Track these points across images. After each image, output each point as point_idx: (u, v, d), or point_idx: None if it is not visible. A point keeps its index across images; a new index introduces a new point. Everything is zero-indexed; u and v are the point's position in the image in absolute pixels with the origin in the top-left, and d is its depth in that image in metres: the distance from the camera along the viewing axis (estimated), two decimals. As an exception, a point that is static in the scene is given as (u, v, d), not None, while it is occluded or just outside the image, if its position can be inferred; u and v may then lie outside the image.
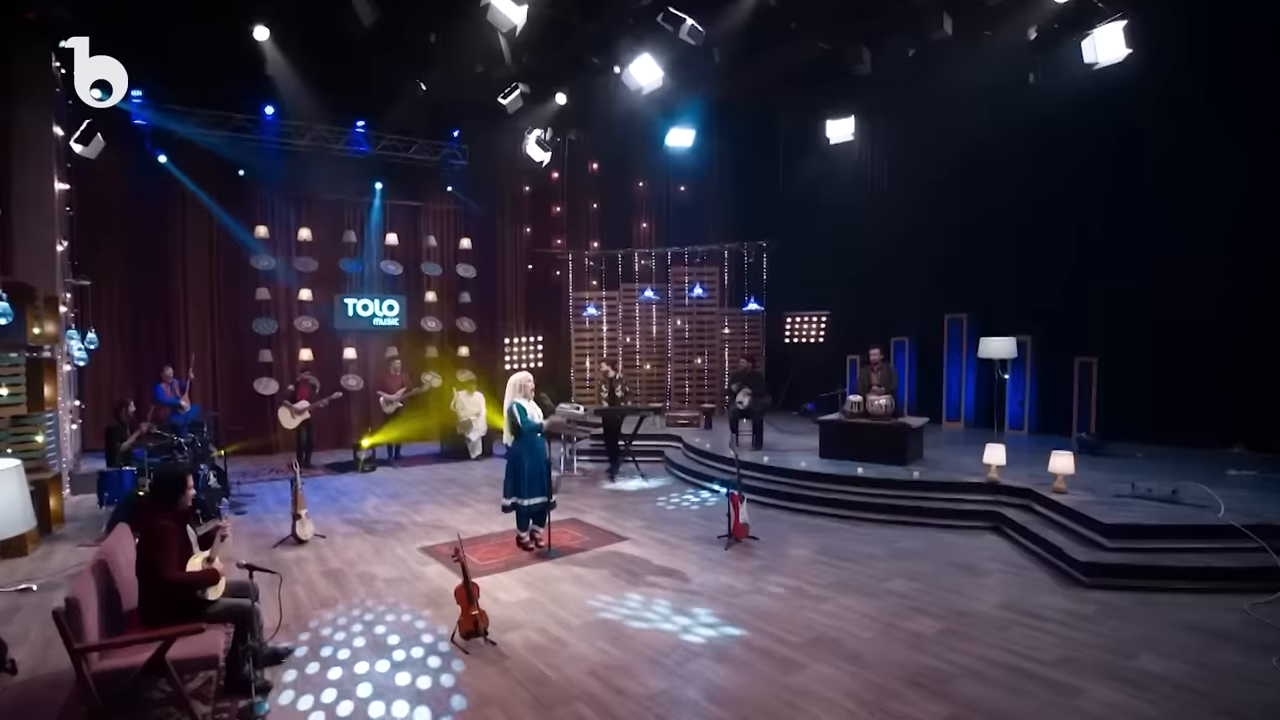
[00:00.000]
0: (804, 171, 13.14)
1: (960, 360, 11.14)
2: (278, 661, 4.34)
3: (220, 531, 4.09)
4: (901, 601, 5.17)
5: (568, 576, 5.85)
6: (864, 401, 8.51)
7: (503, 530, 7.15)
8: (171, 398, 9.95)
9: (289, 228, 12.13)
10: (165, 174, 10.97)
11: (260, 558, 6.35)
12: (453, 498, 8.78)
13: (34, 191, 8.67)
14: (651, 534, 7.03)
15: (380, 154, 12.75)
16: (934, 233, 11.48)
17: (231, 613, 3.84)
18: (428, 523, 7.60)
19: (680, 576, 5.80)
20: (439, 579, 5.82)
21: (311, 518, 7.06)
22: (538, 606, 5.21)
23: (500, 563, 6.18)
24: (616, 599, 5.33)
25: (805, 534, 6.95)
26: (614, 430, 9.92)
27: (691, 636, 4.64)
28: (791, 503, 7.89)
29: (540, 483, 6.43)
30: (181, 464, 3.99)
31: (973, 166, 10.82)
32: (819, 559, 6.19)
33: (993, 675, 3.99)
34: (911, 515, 7.18)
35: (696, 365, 13.43)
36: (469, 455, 11.32)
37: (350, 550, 6.66)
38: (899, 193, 12.05)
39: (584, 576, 5.84)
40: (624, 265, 13.88)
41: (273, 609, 4.70)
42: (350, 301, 12.56)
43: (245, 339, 11.76)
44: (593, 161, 14.65)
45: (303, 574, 6.01)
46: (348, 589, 5.64)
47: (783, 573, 5.84)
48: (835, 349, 12.58)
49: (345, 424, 12.33)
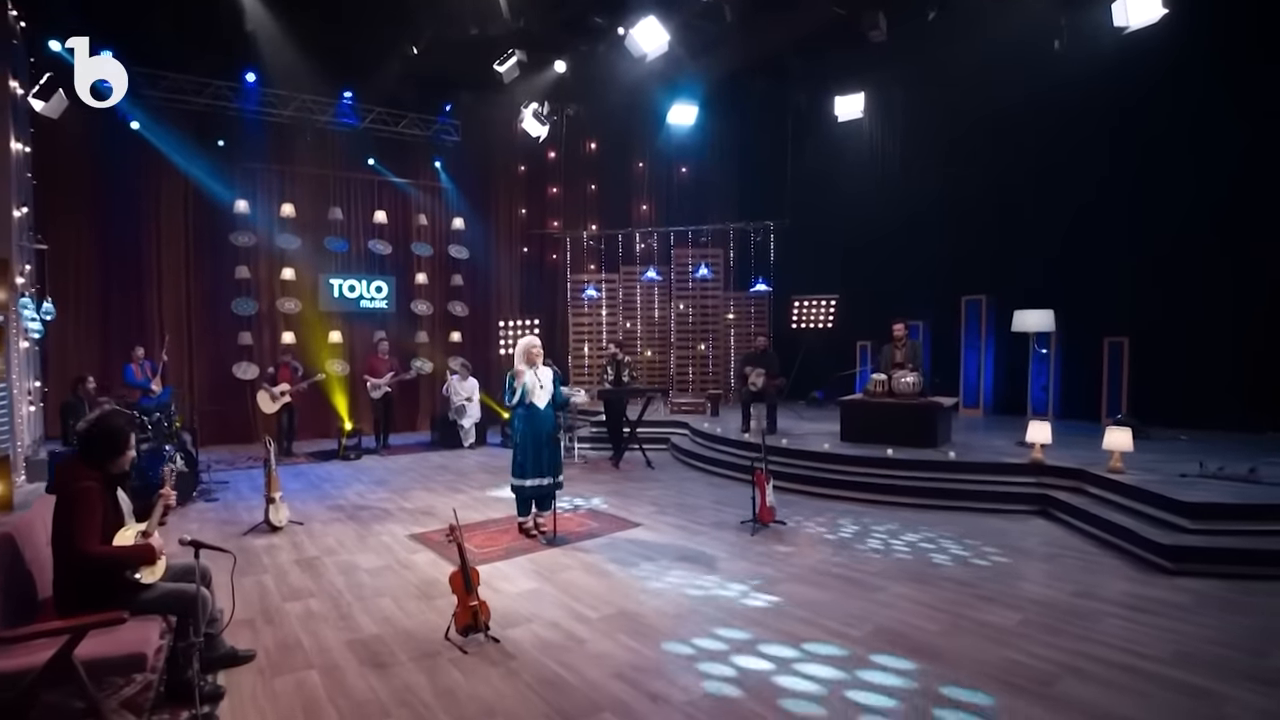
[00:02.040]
0: (812, 150, 12.53)
1: (979, 343, 10.54)
2: (235, 664, 3.63)
3: (163, 500, 3.36)
4: (963, 589, 4.52)
5: (578, 564, 5.16)
6: (888, 380, 7.88)
7: (501, 516, 6.46)
8: (142, 380, 9.23)
9: (271, 203, 11.37)
10: (137, 142, 10.20)
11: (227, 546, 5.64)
12: (445, 484, 8.06)
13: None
14: (666, 520, 6.36)
15: (369, 128, 12.04)
16: (950, 212, 10.88)
17: (172, 601, 3.12)
18: (418, 509, 6.89)
19: (706, 563, 5.13)
20: (430, 568, 5.12)
21: (287, 502, 6.34)
22: (546, 598, 4.52)
23: (500, 550, 5.48)
24: (637, 588, 4.65)
25: (834, 517, 6.30)
26: (618, 414, 9.23)
27: (732, 630, 3.97)
28: (814, 487, 7.25)
29: (545, 462, 5.74)
30: (124, 415, 3.22)
31: (991, 142, 10.22)
32: (856, 544, 5.53)
33: (1104, 675, 3.33)
34: (947, 499, 6.55)
35: (700, 351, 12.77)
36: (462, 443, 10.60)
37: (330, 537, 5.94)
38: (912, 171, 11.46)
39: (597, 564, 5.16)
40: (624, 246, 13.21)
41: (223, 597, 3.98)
42: (336, 282, 11.82)
43: (223, 320, 11.00)
44: (591, 141, 13.96)
45: (274, 563, 5.29)
46: (324, 579, 4.93)
47: (820, 559, 5.19)
48: (845, 334, 11.96)
49: (330, 411, 11.56)
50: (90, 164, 10.01)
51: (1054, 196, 9.62)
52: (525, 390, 5.71)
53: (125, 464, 3.24)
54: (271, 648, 3.87)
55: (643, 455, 9.02)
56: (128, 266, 10.39)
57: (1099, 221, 9.21)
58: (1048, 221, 9.67)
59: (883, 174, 11.89)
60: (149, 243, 10.57)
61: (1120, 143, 8.99)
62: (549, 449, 5.76)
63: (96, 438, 3.10)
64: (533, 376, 5.77)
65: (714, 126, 12.85)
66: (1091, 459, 6.41)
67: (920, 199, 11.21)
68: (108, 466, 3.13)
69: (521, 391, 5.71)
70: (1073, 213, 9.44)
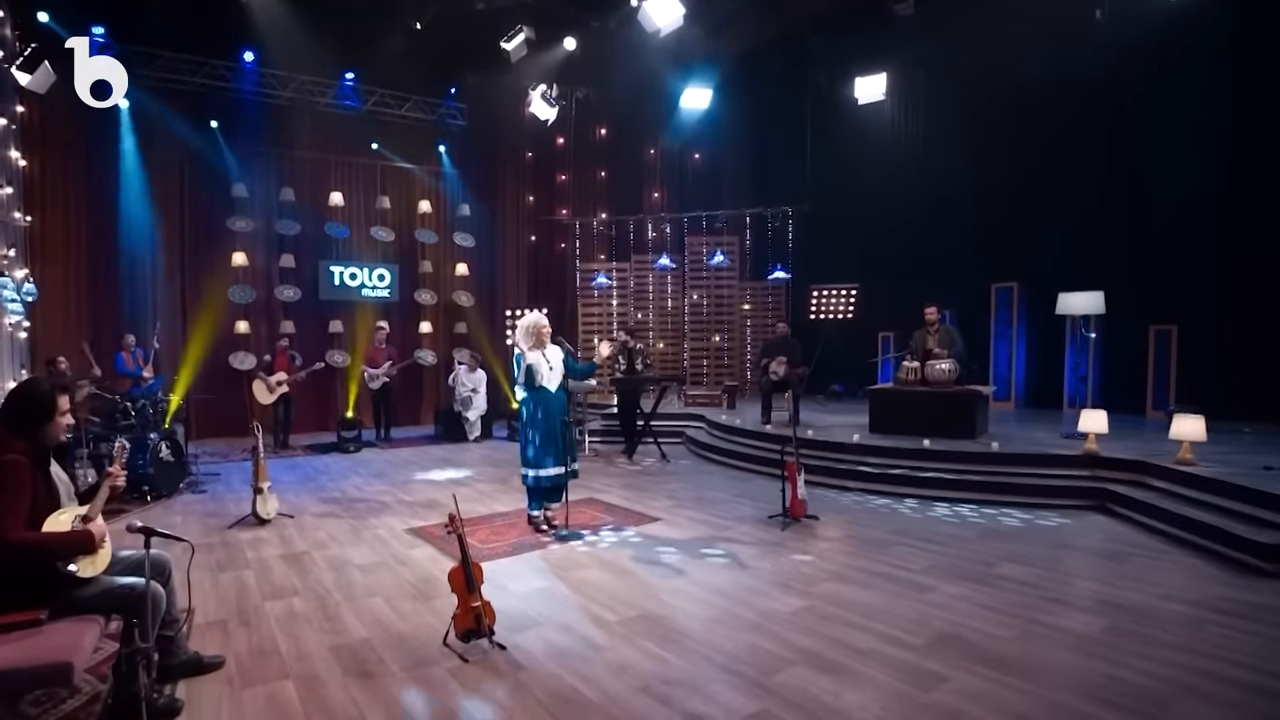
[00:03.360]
0: (831, 133, 11.99)
1: (1009, 333, 9.98)
2: (199, 672, 3.14)
3: (109, 480, 2.87)
4: (1027, 591, 3.99)
5: (593, 561, 4.65)
6: (921, 367, 7.35)
7: (508, 510, 5.96)
8: (132, 369, 8.79)
9: (270, 187, 10.92)
10: (130, 121, 9.76)
11: (210, 539, 5.18)
12: (447, 478, 7.57)
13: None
14: (686, 514, 5.85)
15: (372, 110, 11.57)
16: (977, 196, 10.34)
17: (117, 599, 2.64)
18: (418, 502, 6.40)
19: (735, 561, 4.62)
20: (429, 564, 4.63)
21: (276, 493, 5.86)
22: (559, 598, 4.02)
23: (507, 546, 4.98)
24: (660, 588, 4.14)
25: (869, 513, 5.78)
26: (631, 405, 8.72)
27: (773, 638, 3.46)
28: (843, 480, 6.73)
29: (558, 449, 5.24)
30: (54, 381, 2.71)
31: (1021, 122, 9.67)
32: (898, 540, 5.01)
33: (1228, 696, 2.80)
34: (990, 493, 6.01)
35: (715, 343, 12.25)
36: (466, 436, 10.11)
37: (321, 531, 5.45)
38: (936, 154, 10.92)
39: (614, 561, 4.65)
40: (635, 234, 12.71)
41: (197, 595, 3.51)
42: (337, 269, 11.36)
43: (219, 308, 10.52)
44: (601, 126, 13.48)
45: (257, 557, 4.81)
46: (311, 576, 4.44)
47: (861, 556, 4.66)
48: (866, 324, 11.44)
49: (329, 403, 11.11)
50: (78, 143, 9.57)
51: (1090, 178, 9.05)
52: (533, 373, 5.22)
53: (57, 433, 2.76)
54: (244, 654, 3.37)
55: (657, 448, 8.51)
56: (119, 253, 9.95)
57: (1141, 204, 8.64)
58: (1084, 205, 9.10)
59: (905, 157, 11.36)
60: (142, 227, 10.11)
61: (1165, 118, 8.41)
62: (561, 435, 5.26)
63: (17, 402, 2.62)
64: (540, 358, 5.28)
65: (729, 110, 12.33)
66: (1149, 450, 5.88)
67: (945, 183, 10.68)
68: (37, 436, 2.65)
69: (528, 374, 5.22)
70: (1111, 195, 8.88)
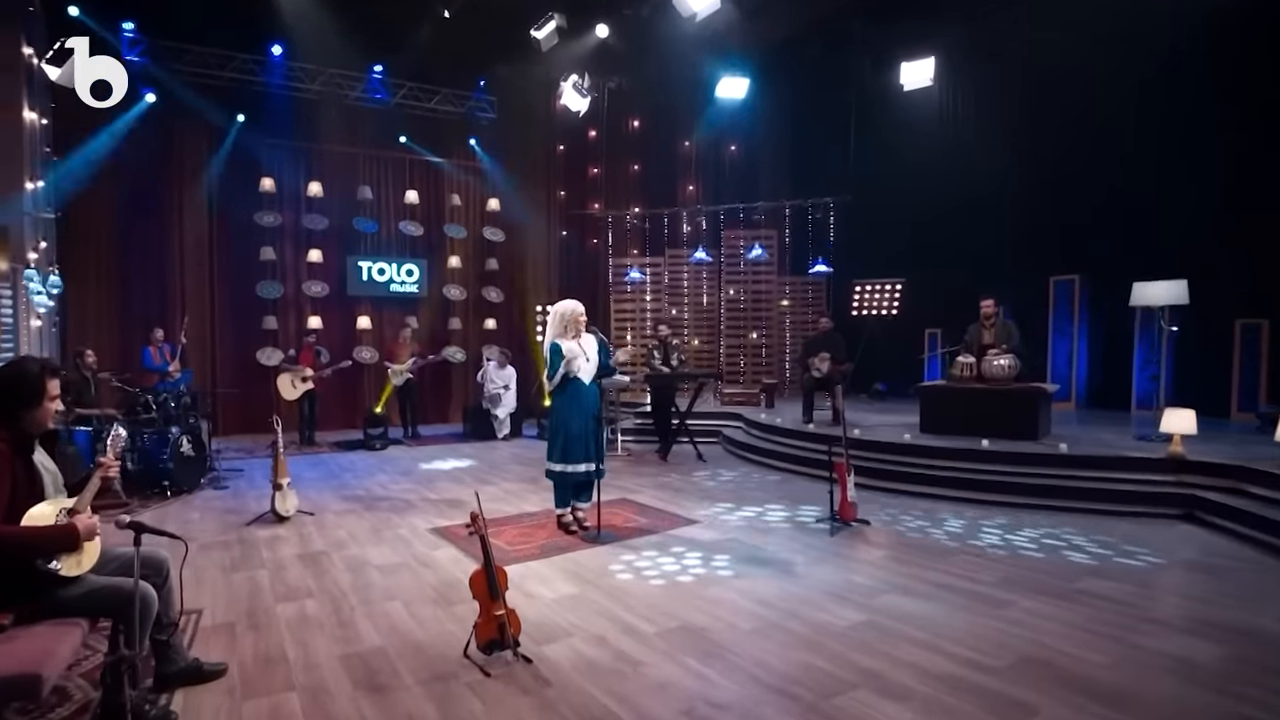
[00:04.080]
0: (874, 122, 11.46)
1: (1070, 329, 9.38)
2: (199, 680, 2.85)
3: (100, 471, 2.59)
4: (1119, 609, 3.53)
5: (627, 566, 4.29)
6: (977, 363, 6.85)
7: (536, 510, 5.63)
8: (160, 364, 8.68)
9: (297, 181, 10.81)
10: (159, 116, 9.71)
11: (226, 536, 4.93)
12: (475, 476, 7.28)
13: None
14: (725, 516, 5.46)
15: (400, 104, 11.40)
16: (1034, 184, 9.75)
17: (103, 601, 2.37)
18: (442, 500, 6.11)
19: (782, 568, 4.22)
20: (452, 566, 4.31)
21: (296, 490, 5.61)
22: (590, 606, 3.66)
23: (535, 548, 4.65)
24: (701, 597, 3.77)
25: (924, 517, 5.32)
26: (666, 403, 8.34)
27: (830, 656, 3.06)
28: (892, 483, 6.27)
29: (589, 445, 4.90)
30: (40, 362, 2.43)
31: (1086, 101, 9.06)
32: (960, 548, 4.56)
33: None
34: (1059, 498, 5.52)
35: (752, 340, 11.81)
36: (495, 434, 9.84)
37: (342, 530, 5.19)
38: (988, 140, 10.35)
39: (650, 566, 4.28)
40: (670, 227, 12.35)
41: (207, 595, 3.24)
42: (365, 265, 11.20)
43: (247, 303, 10.43)
44: (634, 119, 13.17)
45: (273, 557, 4.54)
46: (327, 578, 4.15)
47: (922, 565, 4.23)
48: (911, 321, 10.92)
49: (356, 400, 10.94)
50: (109, 138, 9.52)
51: (1164, 161, 8.41)
52: (566, 363, 4.89)
53: (45, 419, 2.49)
54: (249, 661, 3.09)
55: (693, 448, 8.12)
56: (149, 249, 9.90)
57: (1226, 187, 7.95)
58: (1157, 190, 8.47)
59: (954, 145, 10.80)
60: (171, 222, 10.07)
61: (1257, 92, 7.71)
62: (593, 430, 4.92)
63: (2, 383, 2.36)
64: (576, 347, 4.94)
65: (766, 99, 11.89)
66: (1244, 454, 5.33)
67: (998, 171, 10.11)
68: (21, 422, 2.38)
69: (557, 365, 4.89)
70: (1188, 178, 8.23)
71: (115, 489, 6.11)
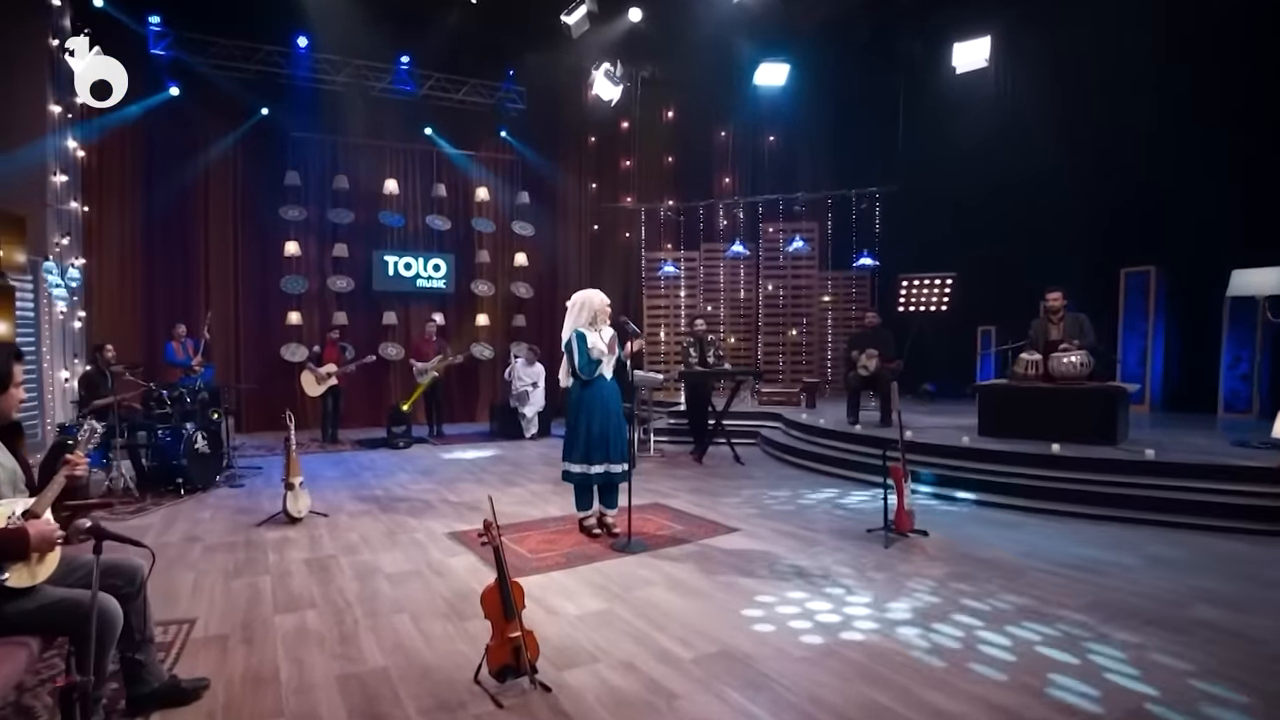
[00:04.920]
0: (924, 107, 10.84)
1: (1144, 326, 8.64)
2: (176, 702, 2.50)
3: (68, 468, 2.25)
4: (1250, 646, 2.97)
5: (660, 578, 3.85)
6: (1044, 361, 6.26)
7: (561, 515, 5.23)
8: (183, 358, 8.50)
9: (323, 175, 10.61)
10: (184, 109, 9.59)
11: (233, 538, 4.63)
12: (499, 476, 6.92)
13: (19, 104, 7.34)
14: (768, 524, 4.99)
15: (427, 95, 11.14)
16: (1102, 171, 9.04)
17: (60, 616, 2.03)
18: (463, 503, 5.74)
19: (832, 583, 3.74)
20: (468, 576, 3.92)
21: (309, 490, 5.30)
22: (619, 625, 3.24)
23: (559, 556, 4.24)
24: (744, 616, 3.32)
25: (988, 529, 4.78)
26: (702, 402, 7.88)
27: (897, 693, 2.59)
28: (949, 489, 5.73)
29: (608, 444, 4.49)
30: (11, 349, 2.09)
31: (1156, 81, 8.37)
32: (1034, 565, 4.02)
33: None
34: (1141, 510, 4.91)
35: (791, 338, 11.28)
36: (523, 434, 9.49)
37: (354, 533, 4.84)
38: (1048, 126, 9.64)
39: (685, 580, 3.84)
40: (705, 220, 11.88)
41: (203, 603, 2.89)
42: (391, 259, 10.95)
43: (272, 298, 10.27)
44: (668, 109, 12.74)
45: (279, 561, 4.21)
46: (333, 586, 3.80)
47: (994, 584, 3.71)
48: (962, 318, 10.28)
49: (381, 398, 10.69)
50: (134, 133, 9.42)
51: (1249, 141, 7.67)
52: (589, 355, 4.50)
53: (9, 408, 2.18)
54: (237, 680, 2.73)
55: (730, 449, 7.65)
56: (173, 243, 9.78)
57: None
58: (1243, 172, 7.74)
59: (1011, 130, 10.10)
60: (196, 217, 9.94)
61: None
62: (616, 428, 4.50)
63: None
64: (598, 340, 4.55)
65: (808, 85, 11.35)
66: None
67: (1061, 157, 9.43)
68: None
69: (585, 354, 4.51)
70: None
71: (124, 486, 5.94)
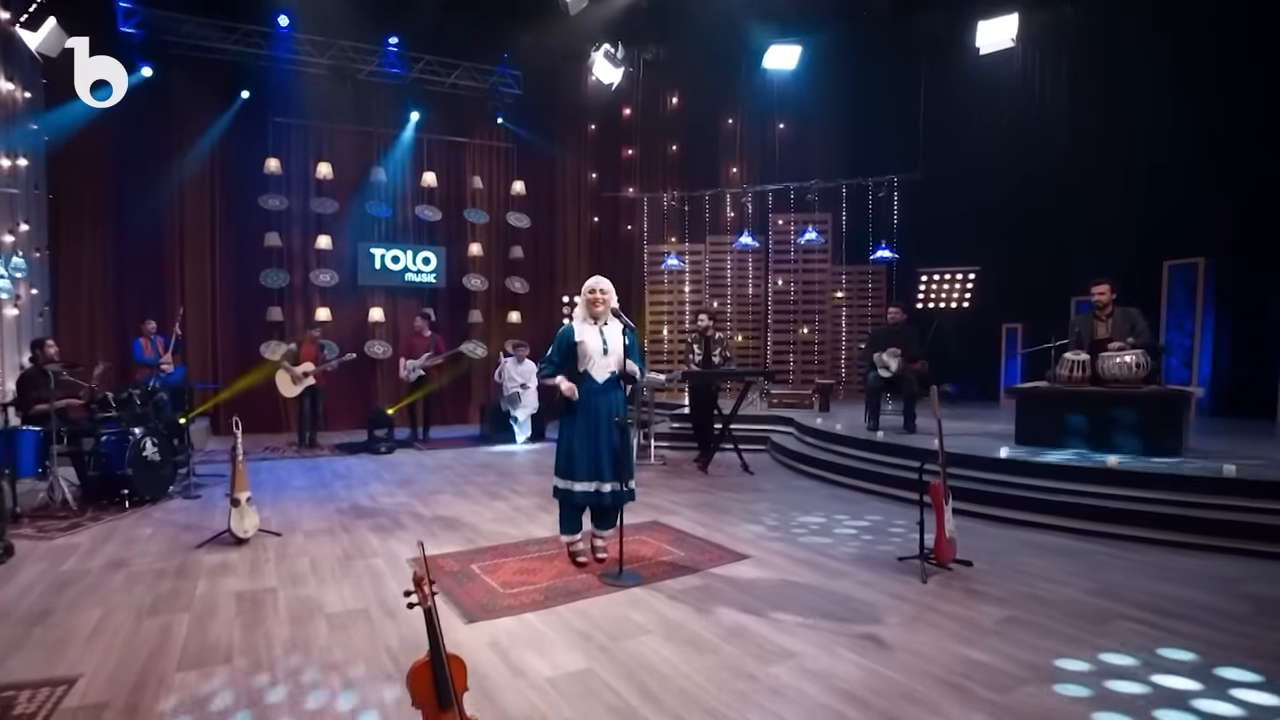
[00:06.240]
0: (945, 91, 10.13)
1: (1191, 323, 7.92)
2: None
3: None
4: None
5: (656, 623, 3.18)
6: (1091, 361, 5.57)
7: (546, 536, 4.57)
8: (150, 356, 7.91)
9: (305, 163, 9.98)
10: (157, 91, 8.96)
11: (165, 563, 4.00)
12: (483, 488, 6.26)
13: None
14: (781, 548, 4.31)
15: (417, 78, 10.48)
16: (1142, 156, 8.39)
17: None
18: (437, 519, 5.09)
19: (864, 634, 3.06)
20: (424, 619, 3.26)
21: (269, 503, 4.68)
22: (600, 693, 2.57)
23: (535, 592, 3.57)
24: (758, 680, 2.64)
25: (1042, 558, 4.10)
26: (707, 405, 7.22)
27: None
28: (984, 505, 5.04)
29: (600, 458, 3.82)
30: None
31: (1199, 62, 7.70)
32: (1112, 606, 3.34)
33: None
34: (1226, 536, 4.20)
35: (803, 335, 10.60)
36: (514, 438, 8.85)
37: (305, 557, 4.19)
38: (1084, 106, 8.99)
39: (685, 625, 3.17)
40: (711, 211, 11.21)
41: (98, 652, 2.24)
42: (378, 252, 10.31)
43: (251, 293, 9.63)
44: (671, 95, 12.07)
45: (208, 594, 3.56)
46: (260, 631, 3.14)
47: (1067, 635, 3.02)
48: (985, 315, 9.61)
49: (368, 399, 10.05)
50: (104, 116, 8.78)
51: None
52: (576, 352, 3.85)
53: None
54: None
55: (738, 457, 6.98)
56: (145, 234, 9.15)
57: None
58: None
59: (1040, 113, 9.45)
60: (170, 206, 9.31)
61: None
62: (611, 441, 3.82)
63: None
64: (594, 334, 3.88)
65: (821, 68, 10.64)
66: None
67: (1095, 142, 8.82)
68: None
69: (568, 353, 3.86)
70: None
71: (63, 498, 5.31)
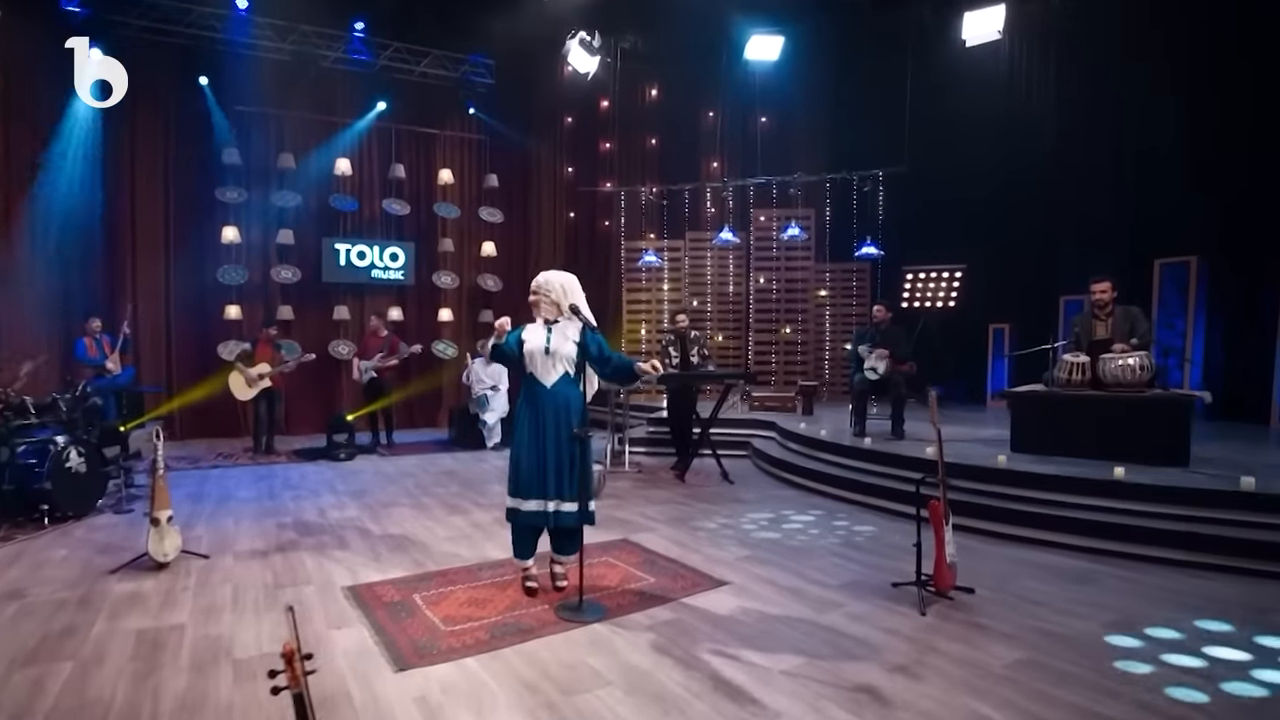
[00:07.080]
0: (930, 84, 9.80)
1: (1181, 323, 7.68)
2: None
3: None
4: None
5: (617, 672, 2.76)
6: (1091, 364, 5.24)
7: (503, 558, 4.13)
8: (95, 357, 7.41)
9: (266, 153, 9.45)
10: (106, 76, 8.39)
11: (69, 593, 3.53)
12: (442, 499, 5.83)
13: None
14: (765, 572, 3.92)
15: (385, 66, 10.00)
16: (1132, 151, 8.14)
17: None
18: (385, 538, 4.64)
19: (861, 684, 2.65)
20: (347, 668, 2.81)
21: (195, 520, 4.21)
22: (542, 769, 2.15)
23: (480, 629, 3.13)
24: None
25: (1047, 582, 3.74)
26: (685, 409, 6.82)
27: None
28: (979, 520, 4.69)
29: (547, 474, 3.39)
30: None
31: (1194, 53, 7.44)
32: (1136, 647, 2.97)
33: None
34: (1241, 556, 3.86)
35: (785, 335, 10.24)
36: (484, 443, 8.40)
37: (229, 585, 3.72)
38: (1072, 101, 8.73)
39: (652, 674, 2.74)
40: (691, 207, 10.82)
41: None
42: (343, 248, 9.80)
43: (208, 290, 9.09)
44: (650, 87, 11.68)
45: (102, 635, 3.08)
46: (148, 684, 2.67)
47: (1093, 684, 2.65)
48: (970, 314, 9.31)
49: (332, 402, 9.56)
50: (45, 100, 8.23)
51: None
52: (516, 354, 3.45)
53: None
54: None
55: (717, 464, 6.59)
56: (92, 226, 8.59)
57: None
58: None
59: (1027, 108, 9.21)
60: (120, 197, 8.75)
61: None
62: (561, 455, 3.39)
63: None
64: (537, 333, 3.47)
65: (804, 60, 10.30)
66: None
67: (1084, 137, 8.56)
68: None
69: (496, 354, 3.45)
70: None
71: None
